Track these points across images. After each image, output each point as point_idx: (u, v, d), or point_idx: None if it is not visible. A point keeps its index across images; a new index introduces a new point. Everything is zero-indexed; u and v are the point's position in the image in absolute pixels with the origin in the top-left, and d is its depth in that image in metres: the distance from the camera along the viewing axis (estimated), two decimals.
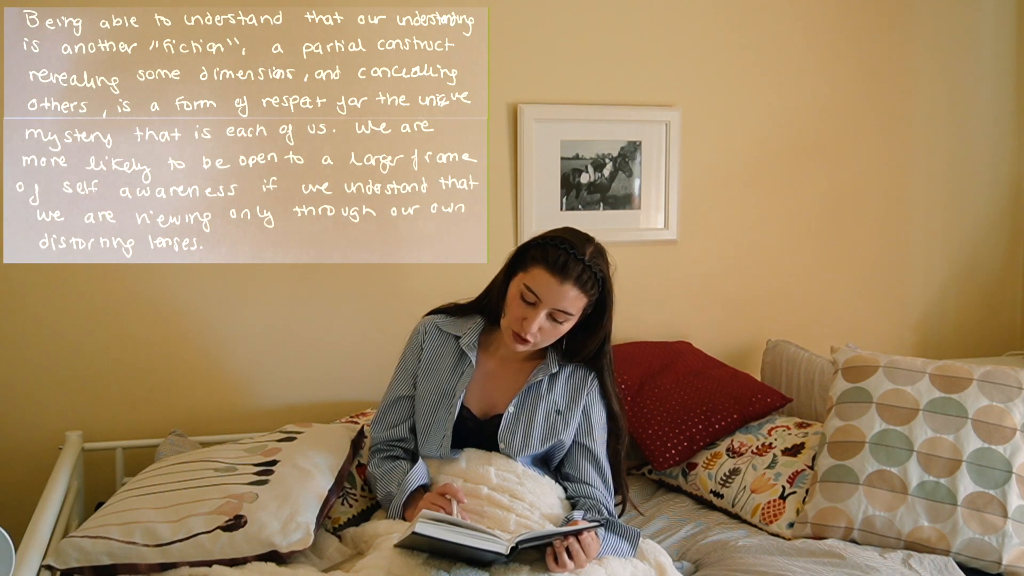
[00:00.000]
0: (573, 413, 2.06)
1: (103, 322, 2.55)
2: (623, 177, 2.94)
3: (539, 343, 1.98)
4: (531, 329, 1.93)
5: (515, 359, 2.10)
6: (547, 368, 2.06)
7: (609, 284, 2.00)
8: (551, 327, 1.96)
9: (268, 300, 2.66)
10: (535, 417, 2.04)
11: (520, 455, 2.01)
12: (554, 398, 2.06)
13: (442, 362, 2.09)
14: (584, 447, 2.07)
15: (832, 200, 3.18)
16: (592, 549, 1.80)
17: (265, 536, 1.84)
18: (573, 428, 2.06)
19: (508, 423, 2.03)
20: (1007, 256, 3.41)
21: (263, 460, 2.08)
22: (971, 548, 2.03)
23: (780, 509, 2.24)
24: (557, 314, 1.94)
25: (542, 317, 1.94)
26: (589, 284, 1.95)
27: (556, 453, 2.08)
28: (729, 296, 3.10)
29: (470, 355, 2.06)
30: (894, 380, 2.27)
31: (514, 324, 1.96)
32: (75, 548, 1.80)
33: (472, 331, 2.10)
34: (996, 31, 3.30)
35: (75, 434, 2.40)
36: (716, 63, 3.00)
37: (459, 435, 2.04)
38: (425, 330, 2.14)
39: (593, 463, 2.07)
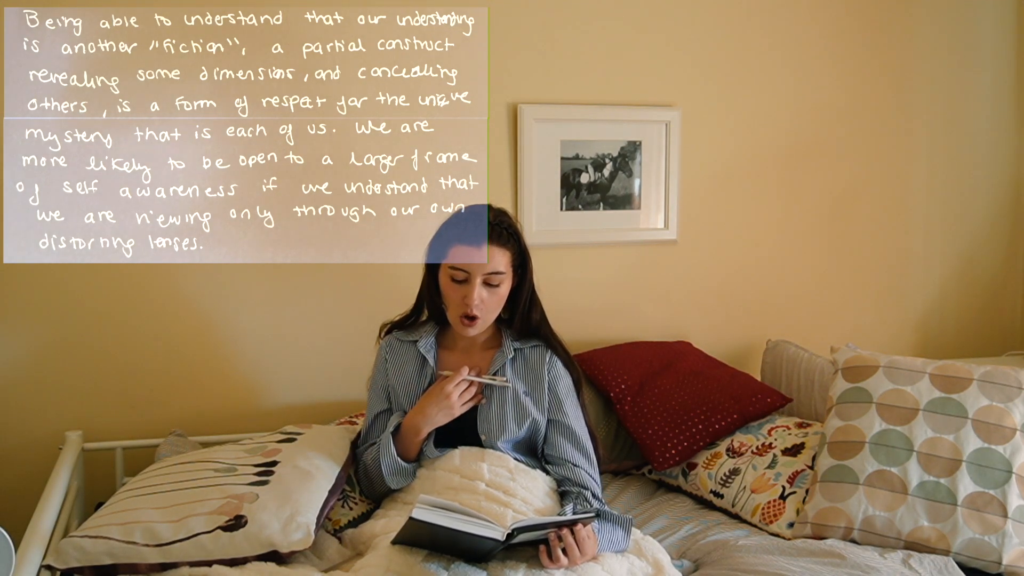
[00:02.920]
0: (540, 391, 2.11)
1: (103, 322, 2.55)
2: (623, 177, 2.94)
3: (486, 316, 2.06)
4: (474, 303, 2.01)
5: (474, 351, 2.15)
6: (504, 354, 2.12)
7: (521, 235, 2.10)
8: (490, 295, 2.04)
9: (268, 300, 2.66)
10: (505, 402, 2.08)
11: (501, 439, 2.06)
12: (518, 381, 2.11)
13: (407, 370, 2.15)
14: (558, 423, 2.11)
15: (832, 200, 3.18)
16: (588, 546, 1.80)
17: (265, 536, 1.84)
18: (543, 406, 2.11)
19: (482, 413, 2.08)
20: (1007, 256, 3.41)
21: (263, 461, 2.09)
22: (971, 548, 2.03)
23: (780, 509, 2.24)
24: (490, 278, 2.03)
25: (479, 288, 2.01)
26: (504, 237, 2.05)
27: (536, 437, 2.11)
28: (729, 296, 3.10)
29: (428, 357, 2.13)
30: (894, 380, 2.27)
31: (458, 308, 2.04)
32: (75, 548, 1.81)
33: (427, 335, 2.16)
34: (996, 31, 3.30)
35: (75, 434, 2.40)
36: (716, 63, 3.00)
37: (441, 432, 2.08)
38: (387, 347, 2.20)
39: (571, 439, 2.10)
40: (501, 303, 2.09)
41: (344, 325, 2.71)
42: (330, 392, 2.71)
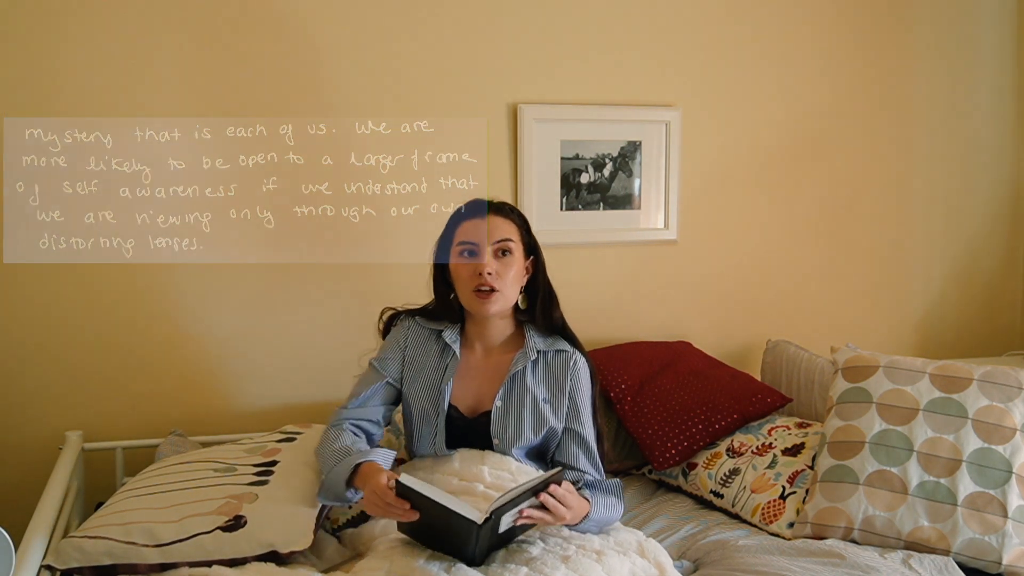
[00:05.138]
0: (560, 399, 2.07)
1: (103, 322, 2.55)
2: (623, 177, 2.94)
3: (504, 290, 2.02)
4: (486, 269, 1.99)
5: (496, 351, 2.10)
6: (526, 355, 2.06)
7: (526, 218, 2.12)
8: (503, 266, 2.02)
9: (268, 300, 2.66)
10: (524, 408, 2.04)
11: (514, 447, 2.02)
12: (539, 387, 2.06)
13: (427, 358, 2.09)
14: (573, 432, 2.08)
15: (832, 200, 3.18)
16: (570, 500, 1.80)
17: (265, 537, 1.84)
18: (562, 414, 2.07)
19: (497, 417, 2.03)
20: (1007, 256, 3.41)
21: (263, 461, 2.09)
22: (971, 548, 2.03)
23: (780, 509, 2.24)
24: (501, 245, 2.02)
25: (490, 257, 2.01)
26: (508, 209, 2.08)
27: (550, 443, 2.08)
28: (729, 296, 3.10)
29: (454, 347, 2.08)
30: (894, 380, 2.27)
31: (471, 283, 2.01)
32: (75, 548, 1.81)
33: (451, 326, 2.11)
34: (997, 31, 3.30)
35: (75, 434, 2.40)
36: (716, 63, 3.00)
37: (451, 435, 2.03)
38: (408, 327, 2.14)
39: (582, 447, 2.08)
40: (516, 280, 2.05)
41: (344, 325, 2.71)
42: (330, 392, 2.70)
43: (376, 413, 2.10)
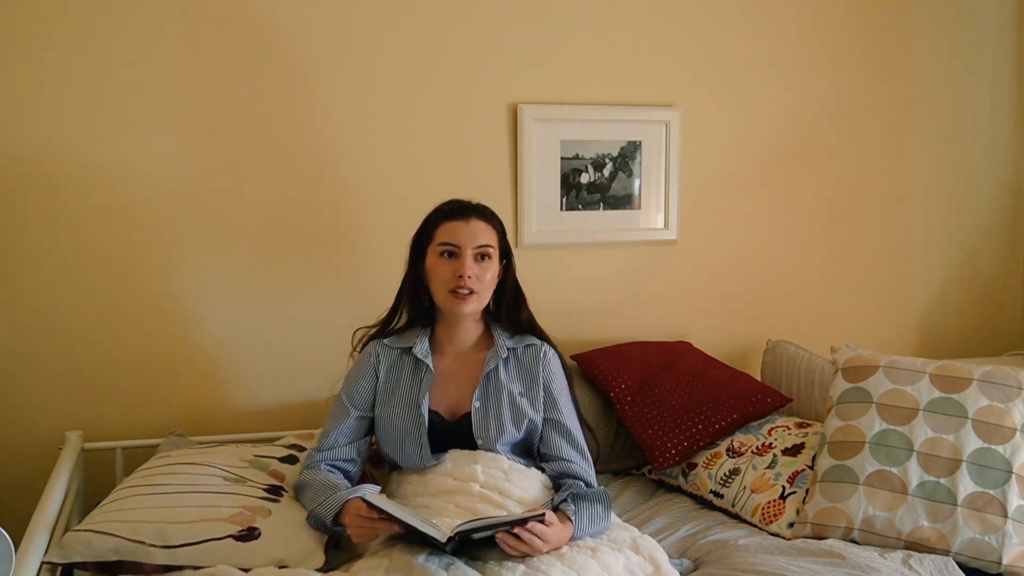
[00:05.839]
0: (535, 391, 2.10)
1: (103, 322, 2.55)
2: (623, 177, 2.94)
3: (481, 292, 2.05)
4: (467, 272, 2.01)
5: (467, 353, 2.13)
6: (497, 354, 2.10)
7: (502, 222, 2.15)
8: (481, 271, 2.05)
9: (268, 300, 2.66)
10: (502, 404, 2.07)
11: (499, 443, 2.04)
12: (513, 383, 2.10)
13: (400, 378, 2.11)
14: (553, 422, 2.10)
15: (832, 200, 3.18)
16: (549, 535, 1.78)
17: (277, 553, 1.84)
18: (540, 405, 2.10)
19: (477, 417, 2.06)
20: (1007, 256, 3.41)
21: (272, 483, 2.09)
22: (971, 548, 2.03)
23: (780, 509, 2.24)
24: (481, 250, 2.05)
25: (470, 260, 2.03)
26: (488, 215, 2.11)
27: (533, 437, 2.10)
28: (729, 296, 3.10)
29: (426, 361, 2.10)
30: (894, 380, 2.27)
31: (449, 283, 2.04)
32: (81, 542, 1.78)
33: (421, 339, 2.13)
34: (997, 31, 3.30)
35: (75, 434, 2.40)
36: (716, 63, 3.00)
37: (434, 440, 2.05)
38: (377, 352, 2.15)
39: (565, 436, 2.10)
40: (491, 284, 2.09)
41: (344, 325, 2.68)
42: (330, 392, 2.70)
43: (350, 452, 2.11)
